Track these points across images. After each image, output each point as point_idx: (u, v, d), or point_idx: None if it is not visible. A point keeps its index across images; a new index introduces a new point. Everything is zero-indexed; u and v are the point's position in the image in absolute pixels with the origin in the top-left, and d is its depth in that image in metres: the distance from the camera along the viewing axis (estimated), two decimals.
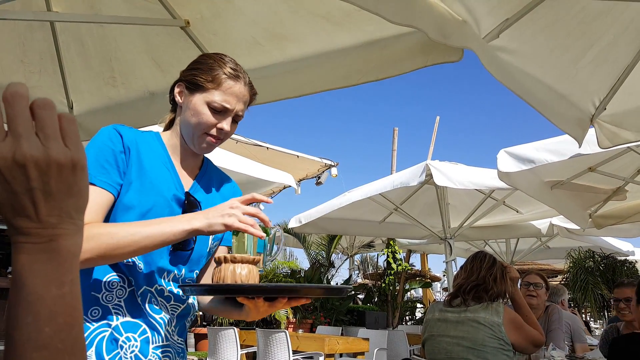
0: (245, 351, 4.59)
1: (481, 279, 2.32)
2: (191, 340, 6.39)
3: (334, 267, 6.63)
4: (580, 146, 3.06)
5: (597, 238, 6.80)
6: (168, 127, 1.31)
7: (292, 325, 5.51)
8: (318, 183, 6.07)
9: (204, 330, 5.69)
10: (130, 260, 1.12)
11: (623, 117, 2.98)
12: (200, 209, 1.22)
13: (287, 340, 3.84)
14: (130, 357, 1.12)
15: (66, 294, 0.44)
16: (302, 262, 7.05)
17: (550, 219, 5.75)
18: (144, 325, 1.15)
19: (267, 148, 4.92)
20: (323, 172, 6.01)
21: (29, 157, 0.42)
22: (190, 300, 1.27)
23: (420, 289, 8.59)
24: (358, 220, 5.85)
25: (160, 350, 1.17)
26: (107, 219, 1.13)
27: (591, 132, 3.06)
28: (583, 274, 7.49)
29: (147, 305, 1.15)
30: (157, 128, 1.41)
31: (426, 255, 9.46)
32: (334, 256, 6.95)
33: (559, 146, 3.65)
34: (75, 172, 0.45)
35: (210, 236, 1.26)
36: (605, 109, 2.92)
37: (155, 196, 1.16)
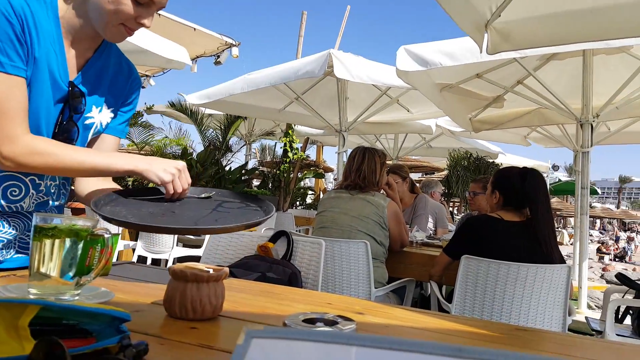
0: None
1: (362, 169, 2.52)
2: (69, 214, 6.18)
3: (230, 151, 6.58)
4: (481, 51, 3.22)
5: (474, 140, 7.53)
6: None
7: None
8: (217, 62, 5.74)
9: (81, 205, 5.46)
10: None
11: (513, 27, 3.13)
12: (85, 101, 1.14)
13: None
14: None
15: None
16: (198, 146, 6.85)
17: (436, 120, 6.17)
18: None
19: (159, 15, 4.40)
20: (223, 50, 5.66)
21: None
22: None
23: (313, 179, 9.02)
24: (258, 106, 5.76)
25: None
26: None
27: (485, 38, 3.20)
28: (462, 170, 8.38)
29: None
30: None
31: (322, 147, 9.81)
32: (232, 141, 6.87)
33: (454, 50, 3.77)
34: None
35: (92, 130, 1.21)
36: (500, 15, 3.04)
37: (35, 84, 1.05)
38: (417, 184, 4.54)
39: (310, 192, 9.57)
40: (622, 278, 2.85)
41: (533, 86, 4.76)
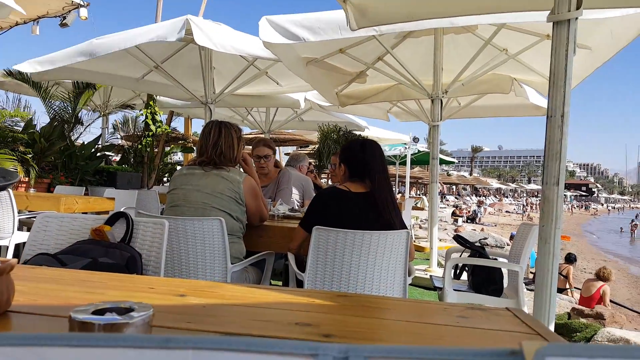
0: None
1: (219, 145, 2.43)
2: None
3: (81, 124, 5.88)
4: (347, 24, 3.28)
5: (343, 115, 7.81)
6: None
7: (25, 185, 4.82)
8: (63, 25, 5.06)
9: None
10: None
11: (369, 3, 3.24)
12: None
13: (11, 199, 3.39)
14: None
15: None
16: (43, 117, 5.95)
17: (305, 94, 6.24)
18: None
19: None
20: (69, 11, 5.00)
21: None
22: None
23: (181, 153, 8.58)
24: (112, 74, 5.23)
25: None
26: None
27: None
28: (332, 143, 8.68)
29: None
30: None
31: (191, 119, 9.36)
32: (84, 112, 6.13)
33: (316, 24, 3.78)
34: None
35: None
36: None
37: None
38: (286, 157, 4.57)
39: (179, 167, 9.10)
40: (458, 239, 3.20)
41: (392, 63, 5.05)
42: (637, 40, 3.62)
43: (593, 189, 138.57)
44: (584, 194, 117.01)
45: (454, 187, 50.85)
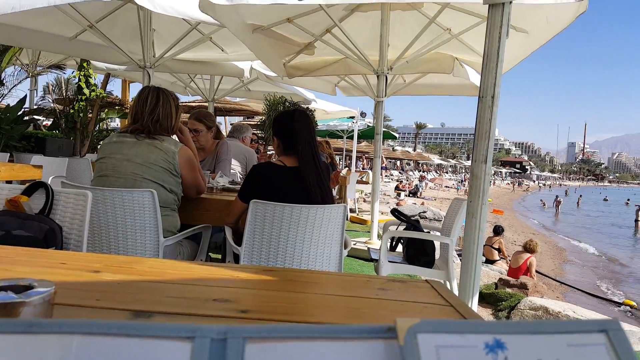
0: None
1: (156, 112, 2.31)
2: None
3: (4, 85, 5.39)
4: None
5: (292, 87, 7.71)
6: None
7: None
8: None
9: None
10: None
11: None
12: None
13: None
14: None
15: None
16: None
17: (251, 63, 6.08)
18: None
19: None
20: None
21: None
22: None
23: (118, 119, 8.15)
24: (40, 32, 4.83)
25: None
26: None
27: None
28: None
29: None
30: None
31: (129, 83, 8.87)
32: (8, 72, 5.63)
33: None
34: None
35: None
36: None
37: None
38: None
39: None
40: (395, 213, 3.30)
41: (339, 36, 5.00)
42: (572, 25, 3.79)
43: (526, 167, 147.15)
44: (518, 171, 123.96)
45: (398, 162, 52.14)
